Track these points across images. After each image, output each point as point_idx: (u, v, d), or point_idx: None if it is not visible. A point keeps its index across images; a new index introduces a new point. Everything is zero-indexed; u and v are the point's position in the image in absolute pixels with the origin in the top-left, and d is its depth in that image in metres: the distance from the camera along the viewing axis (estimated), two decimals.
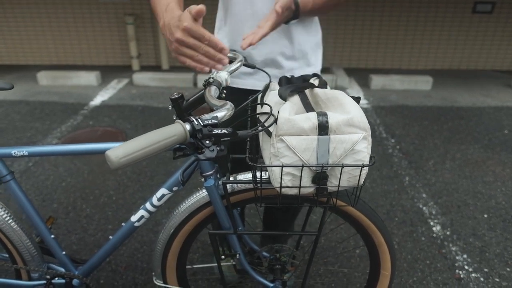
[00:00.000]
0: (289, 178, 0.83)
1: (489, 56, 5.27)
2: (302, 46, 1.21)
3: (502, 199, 2.29)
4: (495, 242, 1.92)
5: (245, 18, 1.17)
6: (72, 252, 1.83)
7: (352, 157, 0.81)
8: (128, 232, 1.15)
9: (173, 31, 0.80)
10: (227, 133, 0.69)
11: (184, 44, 0.80)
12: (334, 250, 1.86)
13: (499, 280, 1.69)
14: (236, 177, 1.04)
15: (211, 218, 1.12)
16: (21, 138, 3.01)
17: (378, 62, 5.30)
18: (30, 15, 5.02)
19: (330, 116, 0.78)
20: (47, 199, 2.23)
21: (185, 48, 0.81)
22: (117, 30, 5.09)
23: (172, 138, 0.63)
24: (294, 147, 0.79)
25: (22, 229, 1.16)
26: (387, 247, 1.13)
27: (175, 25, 0.80)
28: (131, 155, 0.58)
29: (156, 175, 2.49)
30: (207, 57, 0.80)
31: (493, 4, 4.95)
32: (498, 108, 3.85)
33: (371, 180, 2.47)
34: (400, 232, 1.98)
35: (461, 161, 2.74)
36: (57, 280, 1.24)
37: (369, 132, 0.80)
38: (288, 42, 1.19)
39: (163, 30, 0.87)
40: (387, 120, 3.48)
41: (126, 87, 4.38)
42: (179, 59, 0.84)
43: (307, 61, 1.26)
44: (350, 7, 4.95)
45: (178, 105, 0.91)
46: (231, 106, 0.73)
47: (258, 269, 1.26)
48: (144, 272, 1.72)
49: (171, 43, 0.83)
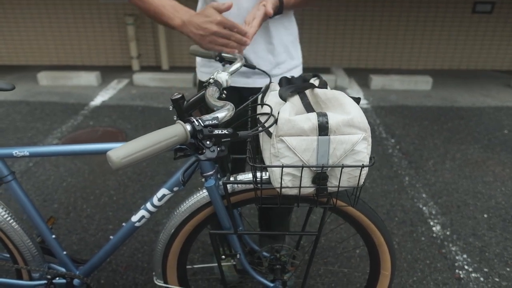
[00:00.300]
0: (289, 178, 0.83)
1: (489, 56, 5.27)
2: (284, 41, 1.28)
3: (502, 199, 2.29)
4: (495, 242, 1.93)
5: (229, 15, 1.18)
6: (73, 252, 1.83)
7: (352, 157, 0.81)
8: (129, 232, 1.16)
9: (206, 26, 0.95)
10: (227, 134, 0.69)
11: (219, 35, 0.96)
12: (334, 250, 1.86)
13: (499, 280, 1.69)
14: (236, 177, 1.05)
15: (212, 218, 1.12)
16: (22, 138, 3.02)
17: (378, 62, 5.31)
18: (30, 15, 5.03)
19: (330, 116, 0.78)
20: (48, 199, 2.24)
21: (220, 38, 0.97)
22: (117, 30, 5.10)
23: (173, 139, 0.64)
24: (294, 147, 0.79)
25: (23, 229, 1.16)
26: (387, 247, 1.13)
27: (206, 20, 0.95)
28: (132, 156, 0.59)
29: (157, 175, 2.50)
30: (237, 42, 0.99)
31: (492, 4, 4.95)
32: (498, 108, 3.85)
33: (371, 180, 2.48)
34: (400, 232, 1.98)
35: (461, 161, 2.74)
36: (58, 280, 1.24)
37: (369, 132, 0.80)
38: (270, 38, 1.25)
39: (184, 28, 0.99)
40: (387, 120, 3.48)
41: (126, 87, 4.39)
42: (215, 48, 1.00)
43: (290, 55, 1.31)
44: (350, 7, 4.95)
45: (179, 106, 0.91)
46: (231, 107, 0.73)
47: (259, 269, 1.26)
48: (144, 272, 1.72)
49: (203, 37, 0.97)
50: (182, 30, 1.00)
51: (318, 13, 4.99)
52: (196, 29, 0.97)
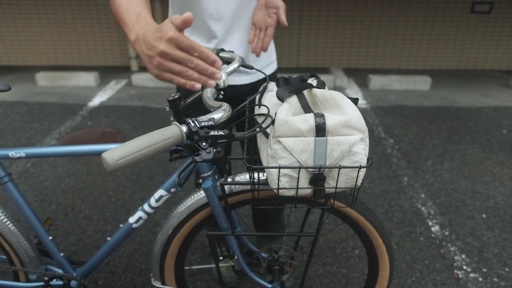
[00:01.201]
0: (286, 179, 0.83)
1: (487, 56, 5.28)
2: None
3: (500, 199, 2.29)
4: (493, 242, 1.92)
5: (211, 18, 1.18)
6: (71, 254, 1.82)
7: (349, 158, 0.81)
8: (126, 234, 1.15)
9: (154, 43, 0.68)
10: (223, 135, 0.68)
11: (170, 57, 0.68)
12: (333, 250, 1.86)
13: (498, 280, 1.69)
14: (234, 178, 1.04)
15: (209, 219, 1.12)
16: (20, 139, 3.01)
17: (376, 62, 5.31)
18: (28, 16, 5.02)
19: (327, 117, 0.78)
20: (46, 200, 2.23)
21: (171, 62, 0.69)
22: (115, 30, 5.09)
23: (169, 140, 0.63)
24: (292, 148, 0.79)
25: (20, 230, 1.16)
26: (385, 248, 1.13)
27: (156, 36, 0.68)
28: (127, 157, 0.58)
29: (155, 176, 2.49)
30: (198, 71, 0.70)
31: (491, 4, 4.95)
32: (497, 108, 3.85)
33: (370, 180, 2.47)
34: (398, 232, 1.98)
35: (459, 161, 2.74)
36: (55, 282, 1.23)
37: (367, 133, 0.80)
38: None
39: (136, 45, 0.73)
40: (385, 120, 3.48)
41: (124, 87, 4.38)
42: (163, 77, 0.71)
43: (270, 50, 1.37)
44: (349, 7, 4.95)
45: (175, 106, 0.91)
46: (228, 108, 0.72)
47: (257, 270, 1.26)
48: (142, 273, 1.71)
49: (150, 59, 0.70)
50: (134, 47, 0.75)
51: (317, 13, 4.99)
52: (145, 48, 0.71)
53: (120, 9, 0.81)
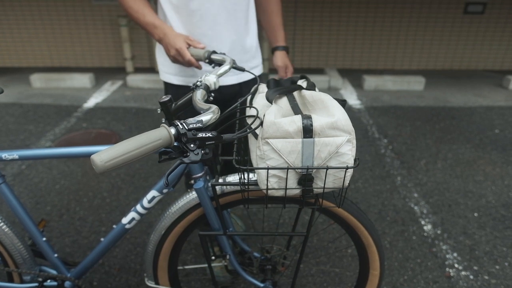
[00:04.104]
0: (275, 180, 0.84)
1: (480, 56, 5.32)
2: (254, 41, 1.48)
3: (492, 198, 2.32)
4: (484, 241, 1.95)
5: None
6: (66, 255, 1.83)
7: (336, 159, 0.82)
8: (119, 234, 1.16)
9: (170, 48, 1.20)
10: (211, 137, 0.70)
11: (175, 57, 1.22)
12: (326, 250, 1.87)
13: (488, 278, 1.71)
14: (225, 179, 1.05)
15: (202, 219, 1.13)
16: (15, 141, 3.01)
17: (371, 63, 5.34)
18: (23, 17, 5.01)
19: (315, 119, 0.79)
20: (40, 202, 2.23)
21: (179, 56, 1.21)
22: (110, 32, 5.09)
23: (157, 142, 0.65)
24: (280, 149, 0.80)
25: (13, 232, 1.16)
26: (376, 247, 1.15)
27: (171, 43, 1.19)
28: (116, 159, 0.60)
29: (150, 177, 2.50)
30: None
31: (484, 5, 5.00)
32: (490, 107, 3.89)
33: (364, 180, 2.50)
34: (391, 232, 2.00)
35: (452, 161, 2.77)
36: (49, 283, 1.24)
37: (353, 135, 0.82)
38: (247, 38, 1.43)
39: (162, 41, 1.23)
40: (380, 121, 3.50)
41: (120, 89, 4.38)
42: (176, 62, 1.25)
43: (258, 53, 1.52)
44: (343, 8, 4.98)
45: (167, 108, 0.92)
46: (216, 110, 0.74)
47: (249, 270, 1.27)
48: (137, 273, 1.72)
49: (169, 52, 1.22)
50: (161, 42, 1.25)
51: (311, 15, 5.01)
52: (168, 46, 1.22)
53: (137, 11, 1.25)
